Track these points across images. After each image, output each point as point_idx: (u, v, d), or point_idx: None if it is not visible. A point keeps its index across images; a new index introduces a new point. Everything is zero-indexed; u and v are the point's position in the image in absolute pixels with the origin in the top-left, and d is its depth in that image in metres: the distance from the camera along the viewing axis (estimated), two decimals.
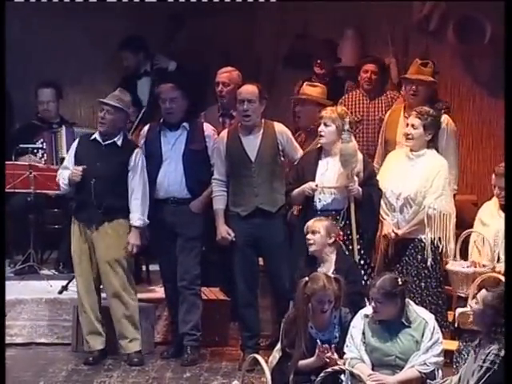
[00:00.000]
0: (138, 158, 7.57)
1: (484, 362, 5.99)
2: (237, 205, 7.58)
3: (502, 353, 5.96)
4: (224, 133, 7.69)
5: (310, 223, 7.11)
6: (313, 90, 8.03)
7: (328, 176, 7.41)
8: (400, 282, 6.49)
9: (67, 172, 7.59)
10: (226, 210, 7.62)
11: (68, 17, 9.03)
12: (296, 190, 7.41)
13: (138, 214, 7.53)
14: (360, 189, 7.32)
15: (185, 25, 8.96)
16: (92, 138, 7.64)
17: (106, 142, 7.59)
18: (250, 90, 7.55)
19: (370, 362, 6.44)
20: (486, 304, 6.12)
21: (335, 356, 6.38)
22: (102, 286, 7.73)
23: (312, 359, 6.45)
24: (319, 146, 7.51)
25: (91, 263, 7.63)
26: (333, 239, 7.08)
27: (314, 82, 8.24)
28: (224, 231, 7.56)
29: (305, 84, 8.17)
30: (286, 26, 9.22)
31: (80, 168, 7.50)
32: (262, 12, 9.30)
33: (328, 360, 6.34)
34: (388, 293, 6.41)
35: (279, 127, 7.64)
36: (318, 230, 7.05)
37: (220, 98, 8.12)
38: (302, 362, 6.51)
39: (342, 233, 7.23)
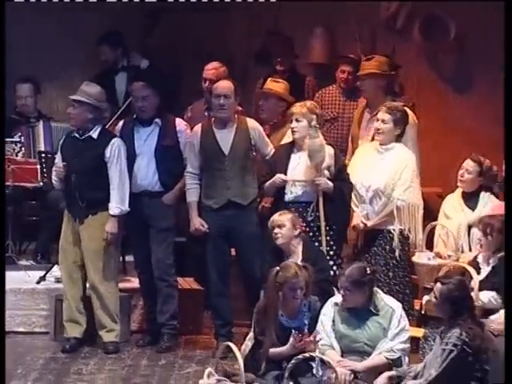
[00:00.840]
0: (113, 149, 7.51)
1: (446, 344, 6.04)
2: (209, 197, 7.55)
3: (464, 336, 6.01)
4: (198, 127, 7.65)
5: (274, 218, 7.13)
6: (276, 86, 8.07)
7: (299, 170, 7.43)
8: (368, 271, 6.54)
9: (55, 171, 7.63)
10: (199, 203, 7.58)
11: (45, 12, 8.97)
12: (268, 182, 7.44)
13: (114, 203, 7.49)
14: (329, 182, 7.34)
15: (160, 22, 8.91)
16: (72, 134, 7.60)
17: (83, 137, 7.54)
18: (226, 85, 7.56)
19: (339, 348, 6.47)
20: (443, 297, 6.20)
21: (312, 339, 6.38)
22: None
23: (285, 347, 6.44)
24: (291, 140, 7.50)
25: (75, 253, 7.58)
26: (298, 231, 7.09)
27: (277, 79, 8.24)
28: (197, 223, 7.53)
29: (269, 80, 8.19)
30: (257, 24, 9.22)
31: (60, 165, 7.49)
32: (235, 10, 9.26)
33: (304, 346, 6.33)
34: (356, 281, 6.45)
35: (252, 123, 7.64)
36: (283, 223, 7.08)
37: (206, 92, 8.07)
38: (274, 350, 6.51)
39: (305, 224, 7.26)
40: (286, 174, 7.39)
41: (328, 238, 7.37)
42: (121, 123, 7.83)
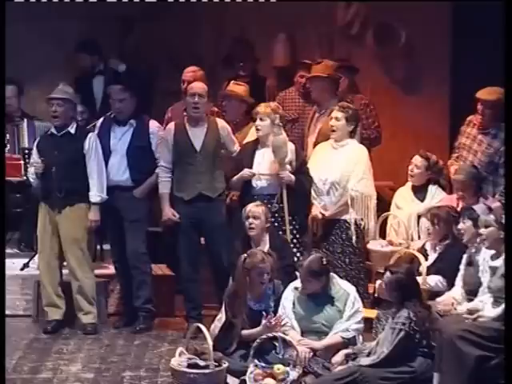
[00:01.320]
0: (91, 142, 7.64)
1: (396, 324, 6.23)
2: (181, 190, 7.65)
3: (412, 316, 6.20)
4: (171, 125, 7.77)
5: (250, 208, 7.23)
6: (238, 88, 8.15)
7: (264, 164, 7.56)
8: (324, 262, 6.67)
9: (32, 168, 7.72)
10: (170, 195, 7.68)
11: (28, 21, 9.01)
12: (235, 177, 7.56)
13: (94, 191, 7.62)
14: (291, 175, 7.46)
15: (134, 29, 8.96)
16: (49, 132, 7.71)
17: (61, 133, 7.65)
18: (200, 85, 7.70)
19: (299, 329, 6.61)
20: (392, 285, 6.38)
21: (282, 322, 6.52)
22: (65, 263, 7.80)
23: (258, 329, 6.56)
24: (256, 138, 7.63)
25: (53, 243, 7.68)
26: (269, 223, 7.23)
27: (239, 82, 8.32)
28: (169, 213, 7.64)
29: (231, 82, 8.26)
30: (224, 30, 9.26)
31: (39, 160, 7.60)
32: (205, 16, 9.30)
33: (275, 327, 6.47)
34: (314, 272, 6.60)
35: (221, 123, 7.77)
36: (258, 215, 7.19)
37: (184, 94, 8.08)
38: (247, 332, 6.63)
39: (270, 214, 7.34)
40: (251, 168, 7.51)
41: (291, 227, 7.47)
42: (100, 121, 7.91)
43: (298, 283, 6.73)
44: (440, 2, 9.00)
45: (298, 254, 7.42)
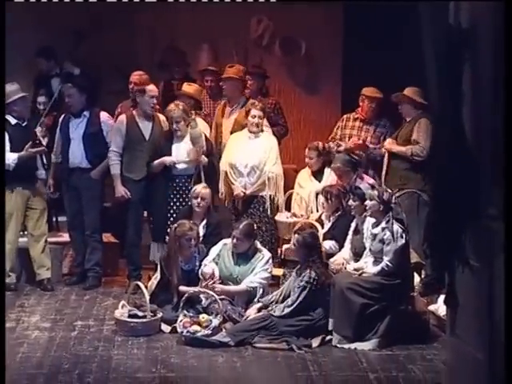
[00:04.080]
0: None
1: (301, 281, 6.31)
2: (130, 171, 7.58)
3: (314, 275, 6.28)
4: (123, 117, 7.70)
5: (200, 190, 7.20)
6: (189, 88, 8.12)
7: (182, 151, 7.51)
8: (255, 227, 6.83)
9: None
10: (121, 175, 7.58)
11: None
12: (156, 161, 7.47)
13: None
14: (205, 158, 7.49)
15: (84, 39, 8.84)
16: (14, 123, 7.60)
17: (24, 124, 7.62)
18: (156, 89, 7.69)
19: (218, 275, 6.67)
20: (300, 244, 6.44)
21: (216, 283, 6.60)
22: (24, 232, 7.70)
23: (196, 288, 6.56)
24: (169, 130, 7.59)
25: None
26: (208, 204, 7.22)
27: (190, 83, 8.25)
28: (122, 191, 7.56)
29: (184, 84, 8.20)
30: (158, 40, 9.14)
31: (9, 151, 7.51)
32: (141, 29, 9.20)
33: (210, 286, 6.54)
34: (246, 233, 6.70)
35: (162, 117, 7.72)
36: (205, 197, 7.18)
37: (132, 93, 8.07)
38: (184, 288, 6.63)
39: (187, 191, 7.31)
40: (170, 155, 7.46)
41: None
42: (61, 117, 7.83)
43: (227, 240, 6.79)
44: (336, 17, 9.09)
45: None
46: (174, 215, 7.39)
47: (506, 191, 3.91)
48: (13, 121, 7.57)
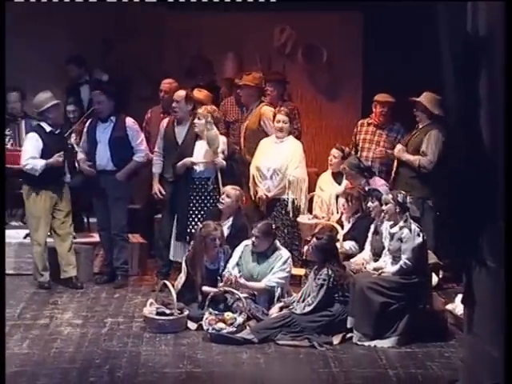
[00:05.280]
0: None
1: (318, 280, 6.31)
2: (167, 172, 7.60)
3: (331, 273, 6.28)
4: (165, 121, 7.74)
5: (227, 188, 7.21)
6: (199, 94, 8.13)
7: (201, 153, 7.51)
8: (273, 227, 6.81)
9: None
10: (161, 175, 7.61)
11: (27, 40, 8.90)
12: (180, 163, 7.48)
13: None
14: (223, 162, 7.44)
15: (114, 47, 8.90)
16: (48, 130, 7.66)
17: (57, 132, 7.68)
18: (178, 93, 7.65)
19: (239, 274, 6.65)
20: (317, 248, 6.45)
21: (240, 281, 6.57)
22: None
23: (216, 289, 6.55)
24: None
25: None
26: (238, 206, 7.17)
27: (202, 89, 8.29)
28: (156, 188, 7.59)
29: (195, 90, 8.21)
30: (186, 49, 9.16)
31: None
32: (169, 38, 9.22)
33: (234, 285, 6.51)
34: (264, 232, 6.68)
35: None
36: (230, 195, 7.15)
37: (162, 100, 8.08)
38: (207, 288, 6.63)
39: (206, 193, 7.37)
40: (192, 157, 7.46)
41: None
42: (88, 122, 7.87)
43: (248, 242, 6.78)
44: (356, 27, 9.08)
45: None
46: (193, 216, 7.41)
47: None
48: (47, 128, 7.62)
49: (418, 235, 6.33)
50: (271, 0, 8.13)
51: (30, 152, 7.53)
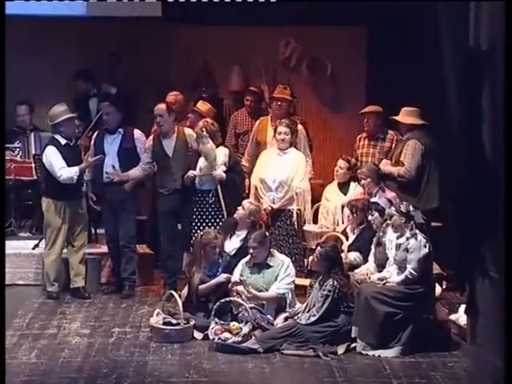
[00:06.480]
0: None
1: (324, 291, 6.30)
2: (162, 187, 7.61)
3: (336, 284, 6.27)
4: (150, 137, 7.73)
5: (245, 201, 7.25)
6: (202, 107, 8.14)
7: (201, 166, 7.52)
8: (267, 234, 6.82)
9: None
10: (155, 189, 7.62)
11: (36, 54, 8.95)
12: (186, 176, 7.50)
13: None
14: (222, 174, 7.42)
15: (121, 60, 8.93)
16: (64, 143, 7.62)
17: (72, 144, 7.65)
18: (159, 107, 7.59)
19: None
20: (322, 257, 6.44)
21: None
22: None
23: (212, 282, 6.65)
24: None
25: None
26: (252, 220, 7.14)
27: (205, 102, 8.29)
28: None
29: (200, 102, 8.23)
30: (191, 62, 9.20)
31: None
32: (175, 51, 9.24)
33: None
34: (261, 241, 6.69)
35: (188, 131, 7.72)
36: (245, 208, 7.14)
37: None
38: (203, 286, 6.69)
39: (208, 205, 7.38)
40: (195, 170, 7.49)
41: (227, 214, 7.41)
42: (95, 133, 7.84)
43: (246, 259, 6.78)
44: (360, 41, 9.09)
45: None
46: (196, 228, 7.42)
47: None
48: (62, 141, 7.58)
49: (425, 246, 6.32)
50: (271, 0, 8.14)
51: (59, 163, 7.44)
